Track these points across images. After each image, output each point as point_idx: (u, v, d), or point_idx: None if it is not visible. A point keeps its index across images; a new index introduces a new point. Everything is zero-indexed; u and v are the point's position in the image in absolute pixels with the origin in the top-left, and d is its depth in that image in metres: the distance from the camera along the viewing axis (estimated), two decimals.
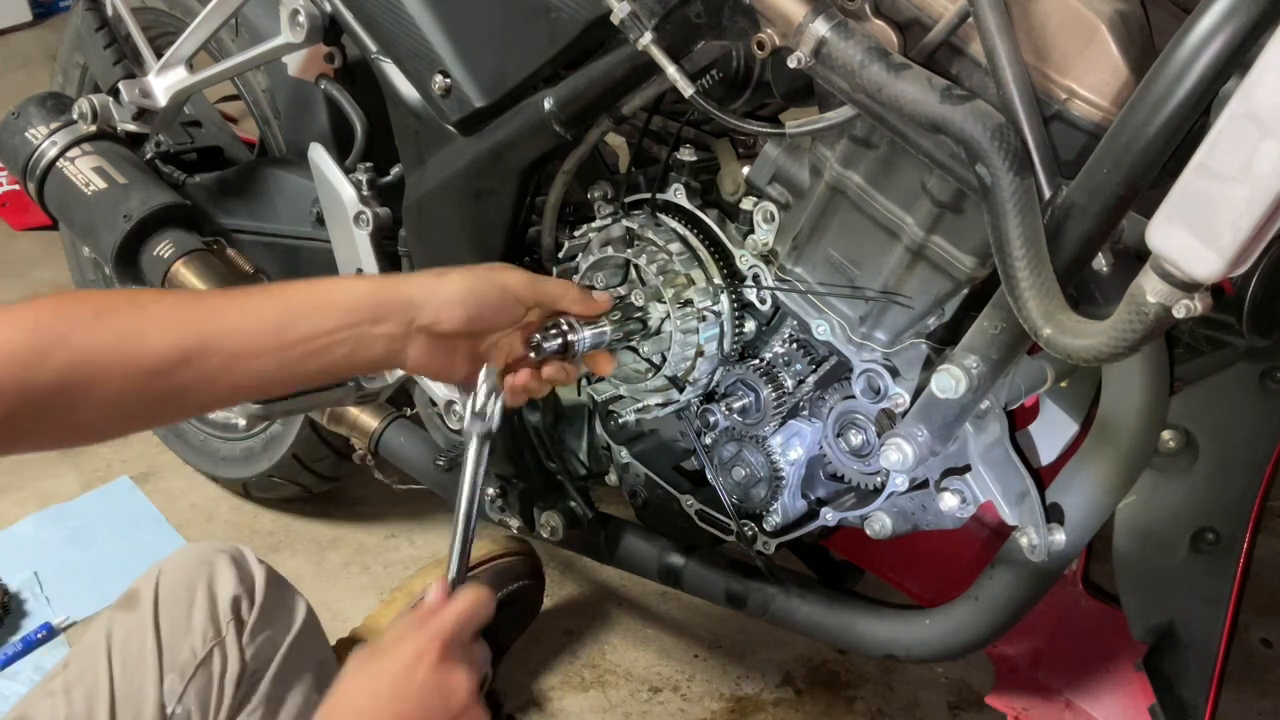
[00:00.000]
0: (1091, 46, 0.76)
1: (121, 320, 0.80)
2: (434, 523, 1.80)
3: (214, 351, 0.82)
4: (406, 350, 0.88)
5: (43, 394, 0.77)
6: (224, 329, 0.83)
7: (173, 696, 0.98)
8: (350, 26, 1.19)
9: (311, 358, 0.85)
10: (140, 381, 0.80)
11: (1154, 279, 0.68)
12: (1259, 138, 0.62)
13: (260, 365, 0.84)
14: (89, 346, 0.78)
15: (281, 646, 1.07)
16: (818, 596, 1.12)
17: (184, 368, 0.81)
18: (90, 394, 0.78)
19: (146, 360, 0.79)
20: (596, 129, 1.04)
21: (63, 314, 0.80)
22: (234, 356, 0.83)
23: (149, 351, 0.80)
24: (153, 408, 0.83)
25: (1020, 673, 1.14)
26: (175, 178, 1.59)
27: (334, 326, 0.85)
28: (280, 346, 0.84)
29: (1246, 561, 0.95)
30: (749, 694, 1.50)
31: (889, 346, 0.95)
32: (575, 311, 0.95)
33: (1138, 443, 0.92)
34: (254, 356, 0.84)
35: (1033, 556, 0.93)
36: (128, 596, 1.03)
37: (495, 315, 0.90)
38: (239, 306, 0.85)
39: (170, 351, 0.80)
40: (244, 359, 0.83)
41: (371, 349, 0.87)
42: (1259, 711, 1.46)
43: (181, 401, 0.84)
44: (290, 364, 0.85)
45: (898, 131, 0.84)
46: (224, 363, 0.82)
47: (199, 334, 0.82)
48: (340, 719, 0.79)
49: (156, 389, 0.81)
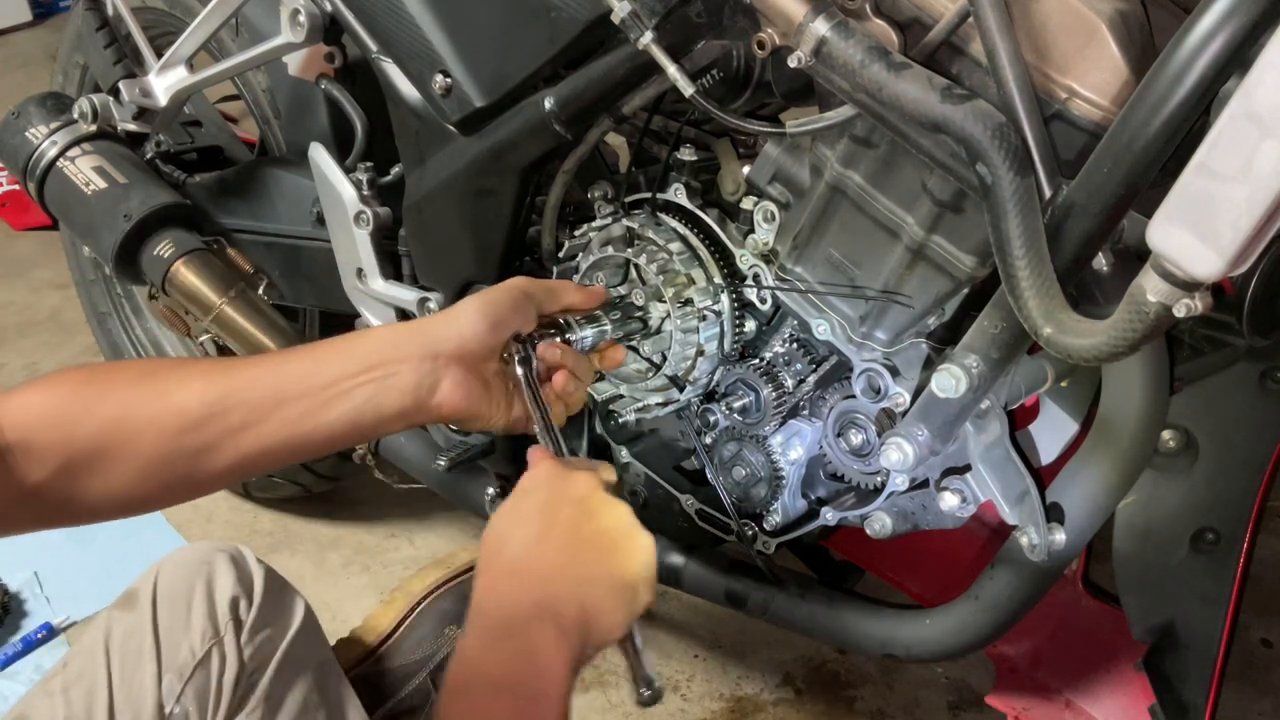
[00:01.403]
0: (1092, 46, 0.76)
1: (153, 381, 0.83)
2: (434, 523, 1.80)
3: (238, 403, 0.83)
4: (438, 387, 0.87)
5: (80, 455, 0.79)
6: (248, 381, 0.84)
7: (171, 696, 0.98)
8: (351, 26, 1.19)
9: (336, 402, 0.85)
10: (171, 439, 0.81)
11: (1154, 278, 0.68)
12: (1259, 137, 0.62)
13: (285, 414, 0.84)
14: (123, 404, 0.81)
15: (280, 646, 1.07)
16: (818, 596, 1.12)
17: (211, 422, 0.82)
18: (124, 454, 0.80)
19: (175, 416, 0.81)
20: (597, 128, 1.04)
21: (96, 379, 0.83)
22: (258, 407, 0.83)
23: (177, 407, 0.82)
24: (182, 470, 0.84)
25: (1020, 673, 1.14)
26: (175, 177, 1.59)
27: (357, 370, 0.86)
28: (303, 393, 0.85)
29: (1246, 561, 0.95)
30: (749, 694, 1.50)
31: (889, 346, 0.95)
32: (576, 301, 0.96)
33: (1138, 443, 0.92)
34: (278, 405, 0.84)
35: (1033, 556, 0.93)
36: (126, 596, 1.03)
37: (513, 315, 0.90)
38: (264, 362, 0.87)
39: (196, 406, 0.82)
40: (268, 409, 0.84)
41: (399, 387, 0.86)
42: (1259, 711, 1.46)
43: (211, 461, 0.84)
44: (315, 411, 0.85)
45: (898, 131, 0.84)
46: (248, 414, 0.83)
47: (223, 387, 0.83)
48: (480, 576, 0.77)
49: (186, 447, 0.82)
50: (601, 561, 0.77)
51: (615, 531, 0.78)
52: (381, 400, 0.86)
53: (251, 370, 0.86)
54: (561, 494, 0.80)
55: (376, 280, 1.28)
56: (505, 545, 0.78)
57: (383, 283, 1.28)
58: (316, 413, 0.85)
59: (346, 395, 0.85)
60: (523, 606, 0.73)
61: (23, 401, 0.81)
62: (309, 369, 0.86)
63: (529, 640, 0.72)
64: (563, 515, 0.78)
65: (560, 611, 0.73)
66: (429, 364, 0.86)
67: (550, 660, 0.71)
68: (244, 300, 1.46)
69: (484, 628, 0.74)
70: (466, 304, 0.89)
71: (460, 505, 1.39)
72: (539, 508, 0.79)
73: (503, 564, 0.77)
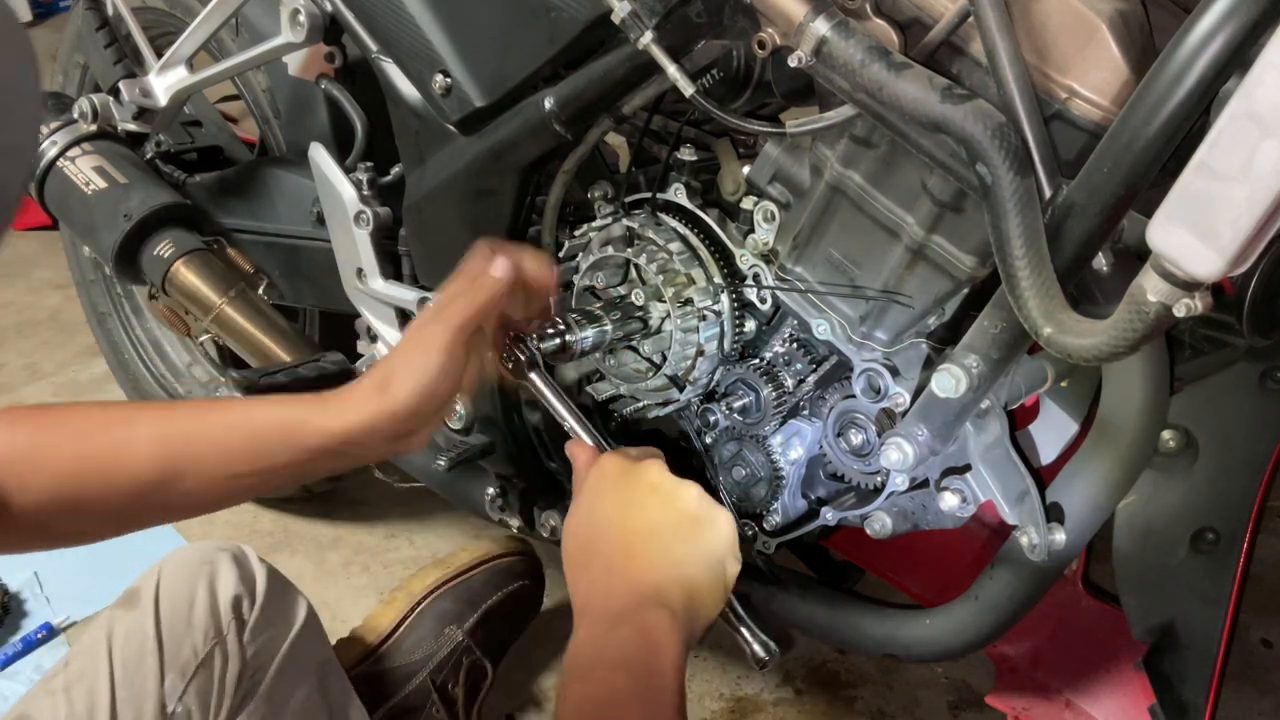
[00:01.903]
0: (1092, 46, 0.76)
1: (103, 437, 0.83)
2: (434, 523, 1.80)
3: (190, 466, 0.84)
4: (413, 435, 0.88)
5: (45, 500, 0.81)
6: (196, 441, 0.85)
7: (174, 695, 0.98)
8: (351, 26, 1.19)
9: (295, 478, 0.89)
10: (129, 499, 0.83)
11: (1154, 278, 0.68)
12: (1259, 137, 0.62)
13: (242, 485, 0.87)
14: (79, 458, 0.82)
15: (282, 646, 1.07)
16: (818, 596, 1.12)
17: (163, 487, 0.84)
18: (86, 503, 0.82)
19: (128, 480, 0.83)
20: (597, 128, 1.04)
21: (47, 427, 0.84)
22: (211, 481, 0.85)
23: (129, 473, 0.83)
24: (148, 516, 0.88)
25: (1020, 673, 1.14)
26: (175, 177, 1.59)
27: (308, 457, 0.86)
28: (256, 472, 0.86)
29: (1246, 561, 0.95)
30: (749, 694, 1.50)
31: (889, 346, 0.95)
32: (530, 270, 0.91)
33: (1138, 443, 0.92)
34: (232, 479, 0.86)
35: (1033, 556, 0.93)
36: (129, 595, 1.03)
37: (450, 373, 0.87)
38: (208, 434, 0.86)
39: (147, 472, 0.83)
40: (222, 482, 0.86)
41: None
42: (1259, 711, 1.46)
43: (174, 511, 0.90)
44: (271, 483, 0.89)
45: (898, 131, 0.84)
46: (198, 477, 0.85)
47: (171, 451, 0.84)
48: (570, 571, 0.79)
49: (146, 503, 0.84)
50: (692, 542, 0.79)
51: (697, 512, 0.81)
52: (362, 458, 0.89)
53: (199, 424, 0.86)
54: (639, 486, 0.81)
55: (376, 280, 1.28)
56: (597, 543, 0.79)
57: (383, 283, 1.28)
58: (274, 483, 0.89)
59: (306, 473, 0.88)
60: (632, 599, 0.75)
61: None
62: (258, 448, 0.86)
63: (644, 624, 0.73)
64: (647, 507, 0.79)
65: (668, 597, 0.75)
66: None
67: (665, 641, 0.73)
68: (244, 300, 1.46)
69: (595, 620, 0.76)
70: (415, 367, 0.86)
71: (460, 505, 1.39)
72: (621, 504, 0.80)
73: (600, 562, 0.79)
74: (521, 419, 1.25)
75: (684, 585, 0.77)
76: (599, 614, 0.76)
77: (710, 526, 0.81)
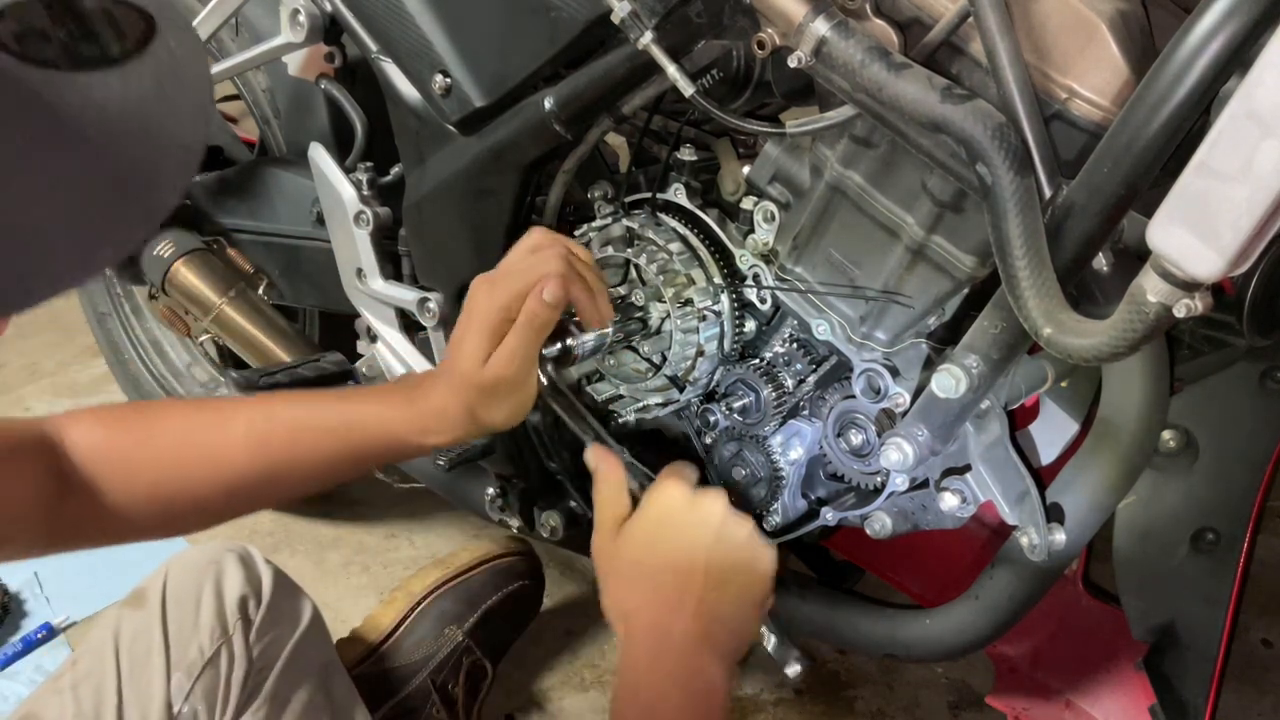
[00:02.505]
0: (1092, 46, 0.76)
1: (202, 437, 0.88)
2: (434, 523, 1.80)
3: (286, 467, 0.88)
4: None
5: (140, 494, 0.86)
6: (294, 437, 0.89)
7: (180, 695, 0.99)
8: (350, 26, 1.18)
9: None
10: (224, 499, 0.88)
11: (1154, 278, 0.68)
12: (1259, 137, 0.62)
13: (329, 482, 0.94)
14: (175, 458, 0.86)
15: (287, 646, 1.07)
16: (818, 596, 1.12)
17: (261, 489, 0.89)
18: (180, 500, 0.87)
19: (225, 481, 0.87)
20: (597, 128, 1.04)
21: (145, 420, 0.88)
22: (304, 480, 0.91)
23: (225, 476, 0.87)
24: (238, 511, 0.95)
25: (1020, 673, 1.14)
26: None
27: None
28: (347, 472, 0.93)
29: (1246, 561, 0.95)
30: (749, 694, 1.50)
31: (889, 346, 0.95)
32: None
33: (1138, 443, 0.92)
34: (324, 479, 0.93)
35: (1033, 556, 0.93)
36: (135, 594, 1.04)
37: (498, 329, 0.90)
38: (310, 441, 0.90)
39: (244, 470, 0.87)
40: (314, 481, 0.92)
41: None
42: (1259, 711, 1.46)
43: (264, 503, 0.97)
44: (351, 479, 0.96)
45: (898, 131, 0.84)
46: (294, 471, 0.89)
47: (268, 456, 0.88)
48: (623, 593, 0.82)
49: (239, 501, 0.90)
50: (742, 584, 0.83)
51: (749, 552, 0.84)
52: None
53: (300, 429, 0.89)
54: (706, 526, 0.83)
55: (376, 280, 1.28)
56: (657, 567, 0.81)
57: (383, 283, 1.28)
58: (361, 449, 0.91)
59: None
60: (683, 640, 0.79)
61: (85, 430, 0.84)
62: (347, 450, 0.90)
63: (693, 664, 0.79)
64: (708, 547, 0.82)
65: (716, 640, 0.80)
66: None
67: (713, 679, 0.79)
68: (244, 300, 1.46)
69: (653, 653, 0.80)
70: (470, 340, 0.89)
71: (460, 505, 1.39)
72: (688, 539, 0.82)
73: (654, 586, 0.81)
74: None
75: (732, 629, 0.82)
76: (655, 646, 0.79)
77: (759, 567, 0.85)
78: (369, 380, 1.33)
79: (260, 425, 0.88)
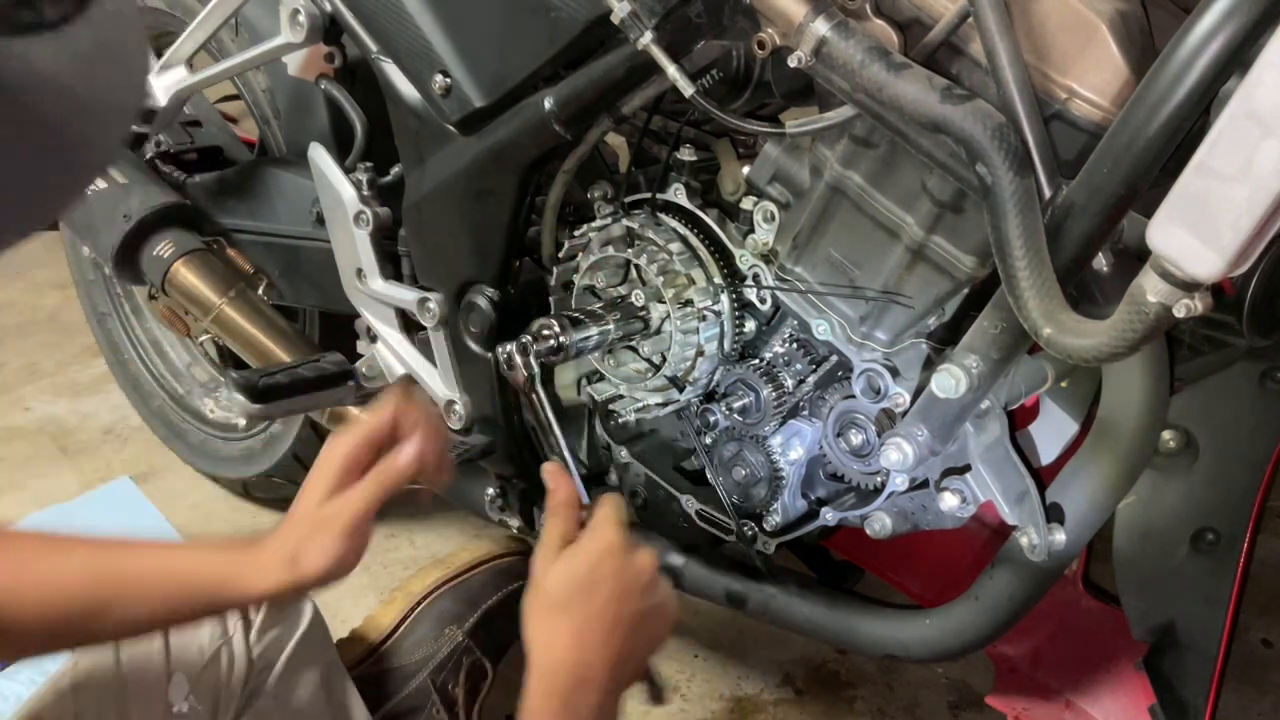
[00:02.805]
0: (1092, 46, 0.76)
1: (35, 564, 0.87)
2: (434, 523, 1.80)
3: (115, 613, 0.88)
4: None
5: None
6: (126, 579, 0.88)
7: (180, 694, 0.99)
8: (350, 26, 1.19)
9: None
10: (60, 623, 0.87)
11: (1154, 279, 0.68)
12: (1259, 137, 0.62)
13: (155, 626, 0.95)
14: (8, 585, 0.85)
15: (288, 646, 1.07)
16: (818, 596, 1.12)
17: (90, 620, 0.87)
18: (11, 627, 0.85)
19: (59, 611, 0.86)
20: (597, 129, 1.04)
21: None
22: (133, 621, 0.90)
23: (63, 603, 0.86)
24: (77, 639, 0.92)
25: (1020, 673, 1.14)
26: (175, 178, 1.59)
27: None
28: (170, 618, 0.92)
29: (1246, 561, 0.95)
30: (749, 694, 1.50)
31: (889, 346, 0.95)
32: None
33: (1138, 443, 0.92)
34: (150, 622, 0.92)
35: (1033, 556, 0.93)
36: None
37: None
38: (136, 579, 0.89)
39: (79, 595, 0.86)
40: (142, 622, 0.91)
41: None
42: (1259, 711, 1.46)
43: (89, 641, 0.93)
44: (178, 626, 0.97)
45: (898, 131, 0.84)
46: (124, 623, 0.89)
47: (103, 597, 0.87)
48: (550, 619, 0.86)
49: (74, 629, 0.88)
50: (652, 634, 0.88)
51: (666, 610, 0.88)
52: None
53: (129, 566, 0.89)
54: (638, 580, 0.86)
55: (376, 280, 1.28)
56: (585, 609, 0.85)
57: (383, 283, 1.28)
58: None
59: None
60: (601, 678, 0.84)
61: None
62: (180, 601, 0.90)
63: (605, 701, 0.85)
64: (636, 600, 0.85)
65: (622, 679, 0.86)
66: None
67: (614, 715, 0.85)
68: (244, 300, 1.46)
69: (565, 680, 0.86)
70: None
71: (460, 505, 1.39)
72: (616, 590, 0.85)
73: (581, 624, 0.85)
74: (521, 419, 1.25)
75: (634, 670, 0.88)
76: (576, 682, 0.85)
77: (669, 621, 0.89)
78: (369, 380, 1.33)
79: (94, 557, 0.89)
